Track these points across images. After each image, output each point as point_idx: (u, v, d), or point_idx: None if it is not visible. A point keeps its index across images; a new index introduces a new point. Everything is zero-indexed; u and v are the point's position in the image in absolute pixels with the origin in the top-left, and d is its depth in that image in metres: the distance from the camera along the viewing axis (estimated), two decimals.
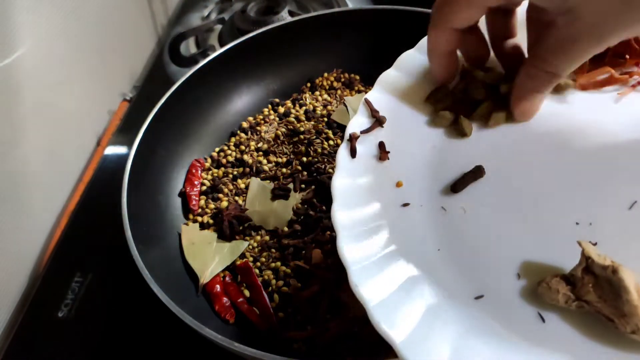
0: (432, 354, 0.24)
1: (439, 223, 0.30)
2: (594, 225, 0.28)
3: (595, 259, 0.25)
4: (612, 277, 0.24)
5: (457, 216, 0.30)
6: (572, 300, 0.25)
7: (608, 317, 0.25)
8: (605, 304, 0.25)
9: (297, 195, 0.47)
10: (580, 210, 0.29)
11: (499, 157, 0.32)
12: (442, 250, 0.29)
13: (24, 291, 0.49)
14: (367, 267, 0.27)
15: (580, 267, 0.26)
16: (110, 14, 0.63)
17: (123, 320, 0.45)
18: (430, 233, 0.30)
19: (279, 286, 0.42)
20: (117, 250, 0.40)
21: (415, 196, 0.31)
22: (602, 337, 0.25)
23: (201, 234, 0.46)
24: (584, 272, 0.25)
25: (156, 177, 0.49)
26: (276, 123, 0.54)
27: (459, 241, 0.29)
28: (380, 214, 0.30)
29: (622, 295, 0.24)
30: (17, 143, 0.48)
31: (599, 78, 0.35)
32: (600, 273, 0.25)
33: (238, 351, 0.33)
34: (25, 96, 0.49)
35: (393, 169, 0.32)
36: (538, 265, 0.28)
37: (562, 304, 0.25)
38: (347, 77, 0.58)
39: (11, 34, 0.47)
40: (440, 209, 0.31)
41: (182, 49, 0.68)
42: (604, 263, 0.25)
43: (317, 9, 0.69)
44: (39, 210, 0.52)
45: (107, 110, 0.64)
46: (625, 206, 0.29)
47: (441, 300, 0.26)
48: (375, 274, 0.27)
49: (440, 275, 0.28)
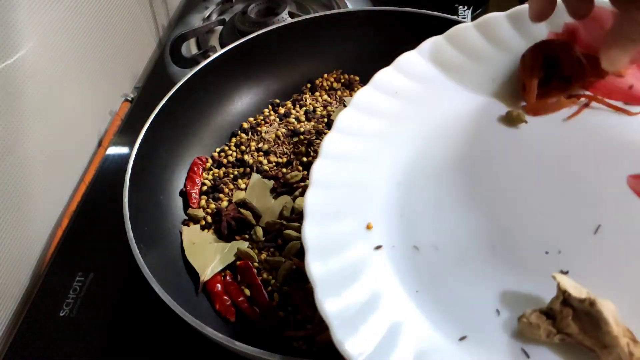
0: None
1: (413, 263, 0.30)
2: (563, 252, 0.29)
3: (572, 292, 0.25)
4: (590, 309, 0.25)
5: (429, 254, 0.30)
6: (553, 334, 0.25)
7: (590, 348, 0.25)
8: (586, 335, 0.25)
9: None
10: (548, 239, 0.29)
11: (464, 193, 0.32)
12: (420, 292, 0.29)
13: (26, 291, 0.50)
14: (349, 319, 0.27)
15: (558, 300, 0.26)
16: (112, 15, 0.64)
17: (124, 320, 0.45)
18: (406, 275, 0.29)
19: (278, 285, 0.42)
20: (118, 250, 0.41)
21: (386, 237, 0.31)
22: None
23: (202, 234, 0.46)
24: (562, 306, 0.26)
25: (157, 177, 0.49)
26: (276, 123, 0.54)
27: (435, 280, 0.29)
28: (355, 260, 0.29)
29: (601, 327, 0.24)
30: (18, 143, 0.49)
31: (549, 102, 0.35)
32: (578, 306, 0.25)
33: (238, 350, 0.33)
34: (27, 97, 0.49)
35: (362, 211, 0.32)
36: (515, 297, 0.28)
37: (544, 338, 0.25)
38: (347, 78, 0.59)
39: (13, 35, 0.47)
40: (412, 248, 0.30)
41: (183, 50, 0.68)
42: (580, 296, 0.25)
43: (317, 10, 0.69)
44: (40, 210, 0.53)
45: (109, 111, 0.64)
46: (591, 230, 0.29)
47: (427, 345, 0.26)
48: (358, 326, 0.26)
49: (423, 318, 0.27)
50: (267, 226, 0.45)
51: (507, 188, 0.32)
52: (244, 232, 0.46)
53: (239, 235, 0.46)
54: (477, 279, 0.29)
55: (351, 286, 0.28)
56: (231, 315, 0.41)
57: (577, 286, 0.26)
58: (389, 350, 0.26)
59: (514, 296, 0.28)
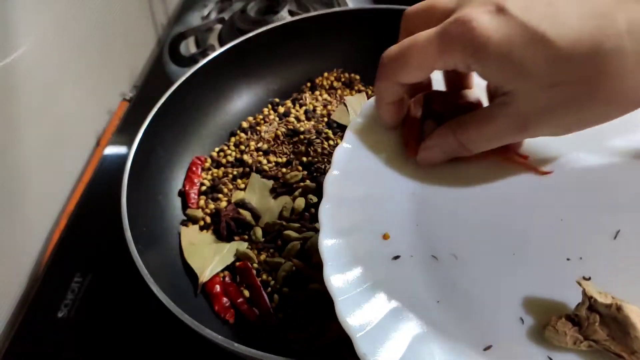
0: None
1: (432, 273, 0.29)
2: (584, 259, 0.29)
3: (597, 298, 0.25)
4: (617, 314, 0.24)
5: (449, 264, 0.30)
6: (580, 341, 0.25)
7: (618, 354, 0.25)
8: (614, 341, 0.25)
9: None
10: (569, 246, 0.29)
11: (480, 201, 0.32)
12: (441, 302, 0.28)
13: (24, 291, 0.49)
14: (372, 332, 0.26)
15: (584, 306, 0.26)
16: (110, 14, 0.63)
17: (123, 321, 0.45)
18: (426, 285, 0.29)
19: (278, 287, 0.42)
20: (116, 251, 0.40)
21: (404, 247, 0.30)
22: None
23: (201, 235, 0.46)
24: (588, 312, 0.25)
25: (156, 177, 0.48)
26: (276, 123, 0.54)
27: (457, 290, 0.29)
28: (374, 271, 0.29)
29: (630, 332, 0.24)
30: (15, 143, 0.48)
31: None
32: (605, 311, 0.25)
33: (238, 352, 0.33)
34: (24, 96, 0.49)
35: (377, 221, 0.31)
36: (539, 305, 0.27)
37: (570, 345, 0.25)
38: (347, 77, 0.58)
39: (10, 33, 0.47)
40: (431, 257, 0.30)
41: (182, 49, 0.68)
42: (606, 301, 0.25)
43: (317, 8, 0.69)
44: (38, 210, 0.52)
45: (107, 110, 0.64)
46: (611, 236, 0.29)
47: (451, 356, 0.26)
48: (382, 340, 0.26)
49: (446, 329, 0.27)
50: (267, 227, 0.45)
51: (525, 194, 0.32)
52: (244, 233, 0.46)
53: (238, 235, 0.45)
54: (499, 287, 0.28)
55: (371, 298, 0.28)
56: (230, 317, 0.41)
57: (602, 292, 0.25)
58: None
59: (537, 303, 0.27)
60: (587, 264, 0.28)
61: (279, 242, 0.44)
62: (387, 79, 0.31)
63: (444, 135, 0.31)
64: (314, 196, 0.46)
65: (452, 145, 0.31)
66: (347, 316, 0.26)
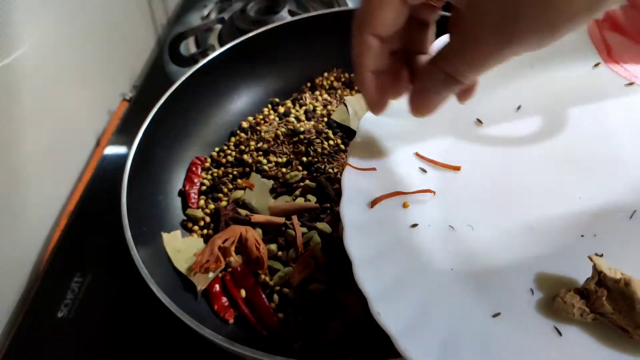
0: None
1: (448, 242, 0.30)
2: (598, 236, 0.29)
3: (607, 273, 0.26)
4: (625, 289, 0.25)
5: (465, 234, 0.31)
6: (587, 313, 0.26)
7: (623, 328, 0.25)
8: (620, 315, 0.25)
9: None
10: (585, 223, 0.30)
11: (499, 176, 0.33)
12: (455, 270, 0.29)
13: (24, 291, 0.49)
14: (386, 294, 0.27)
15: (593, 280, 0.26)
16: (110, 14, 0.63)
17: (123, 321, 0.45)
18: (441, 253, 0.30)
19: (277, 288, 0.42)
20: (116, 251, 0.40)
21: (422, 217, 0.31)
22: (618, 346, 0.25)
23: (185, 241, 0.45)
24: (597, 286, 0.26)
25: (156, 177, 0.48)
26: (276, 123, 0.54)
27: (471, 259, 0.29)
28: (392, 238, 0.30)
29: (636, 306, 0.24)
30: (16, 143, 0.48)
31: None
32: (613, 286, 0.25)
33: (238, 351, 0.33)
34: (24, 96, 0.49)
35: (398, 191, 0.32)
36: (550, 278, 0.28)
37: (577, 317, 0.26)
38: (347, 77, 0.58)
39: (10, 33, 0.46)
40: (448, 227, 0.31)
41: (182, 49, 0.68)
42: (616, 276, 0.25)
43: (317, 8, 0.69)
44: (38, 210, 0.52)
45: (107, 110, 0.64)
46: (627, 215, 0.30)
47: (460, 320, 0.27)
48: (395, 301, 0.27)
49: (456, 295, 0.28)
50: (267, 226, 0.45)
51: (545, 172, 0.32)
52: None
53: None
54: (512, 259, 0.29)
55: (388, 261, 0.29)
56: (230, 317, 0.41)
57: (612, 267, 0.26)
58: (424, 324, 0.26)
59: (549, 277, 0.28)
60: (601, 241, 0.29)
61: (280, 240, 0.44)
62: (361, 32, 0.29)
63: (432, 73, 0.28)
64: (314, 196, 0.46)
65: (442, 82, 0.28)
66: (363, 278, 0.27)
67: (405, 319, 0.26)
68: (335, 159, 0.49)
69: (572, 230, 0.29)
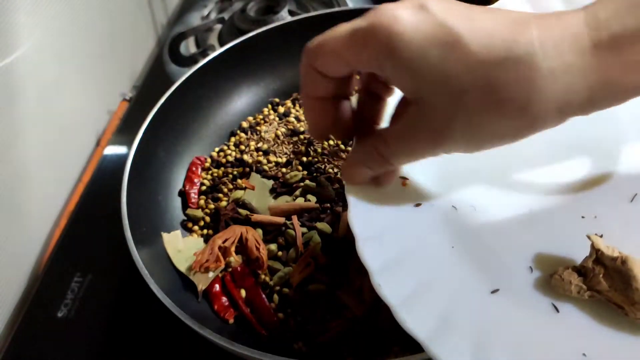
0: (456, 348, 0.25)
1: (450, 221, 0.31)
2: (598, 218, 0.30)
3: (604, 251, 0.26)
4: (622, 267, 0.25)
5: (467, 214, 0.31)
6: (584, 290, 0.26)
7: (618, 305, 0.26)
8: (616, 292, 0.26)
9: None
10: (585, 205, 0.30)
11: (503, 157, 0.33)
12: (456, 248, 0.30)
13: (24, 291, 0.49)
14: (388, 268, 0.28)
15: (591, 259, 0.27)
16: (110, 14, 0.63)
17: (123, 321, 0.45)
18: (443, 231, 0.31)
19: (277, 288, 0.42)
20: (116, 251, 0.40)
21: (425, 197, 0.32)
22: (614, 323, 0.26)
23: (185, 241, 0.45)
24: (594, 264, 0.26)
25: (156, 177, 0.48)
26: (276, 123, 0.54)
27: (472, 238, 0.30)
28: (395, 216, 0.31)
29: (632, 284, 0.25)
30: (16, 143, 0.48)
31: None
32: (610, 264, 0.26)
33: (238, 351, 0.33)
34: (25, 96, 0.49)
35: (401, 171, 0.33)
36: (549, 257, 0.29)
37: (574, 294, 0.26)
38: None
39: (11, 33, 0.46)
40: (451, 207, 0.32)
41: (182, 49, 0.68)
42: (613, 254, 0.26)
43: (317, 8, 0.69)
44: (38, 210, 0.52)
45: (107, 110, 0.64)
46: (628, 198, 0.30)
47: (459, 296, 0.27)
48: (396, 276, 0.28)
49: (456, 272, 0.29)
50: (267, 226, 0.45)
51: (547, 152, 0.33)
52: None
53: None
54: (513, 239, 0.30)
55: (390, 239, 0.29)
56: (230, 317, 0.41)
57: (610, 247, 0.26)
58: (423, 297, 0.27)
59: (548, 256, 0.29)
60: (601, 222, 0.29)
61: (279, 240, 0.44)
62: (307, 64, 0.29)
63: (367, 149, 0.29)
64: (314, 196, 0.46)
65: (375, 160, 0.29)
66: (365, 254, 0.28)
67: (405, 292, 0.27)
68: (335, 159, 0.49)
69: (573, 212, 0.30)
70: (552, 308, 0.27)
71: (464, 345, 0.25)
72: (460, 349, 0.25)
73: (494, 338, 0.25)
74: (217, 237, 0.43)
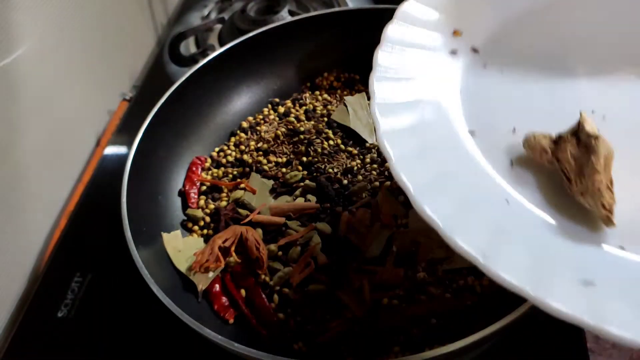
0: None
1: (472, 74, 0.33)
2: (606, 118, 0.30)
3: (586, 127, 0.27)
4: (592, 143, 0.27)
5: (493, 73, 0.33)
6: (547, 155, 0.28)
7: (568, 176, 0.27)
8: (573, 163, 0.27)
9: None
10: (600, 103, 0.31)
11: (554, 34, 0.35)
12: (462, 93, 0.32)
13: (24, 291, 0.49)
14: (397, 132, 0.29)
15: (571, 130, 0.28)
16: (110, 14, 0.63)
17: (123, 321, 0.45)
18: (460, 78, 0.33)
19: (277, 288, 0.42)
20: (116, 251, 0.40)
21: (465, 45, 0.34)
22: (558, 206, 0.27)
23: (185, 241, 0.45)
24: (571, 135, 0.28)
25: (156, 177, 0.48)
26: (276, 123, 0.54)
27: (482, 93, 0.32)
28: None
29: (591, 158, 0.27)
30: (16, 143, 0.48)
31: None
32: (584, 139, 0.27)
33: (238, 351, 0.33)
34: (24, 96, 0.49)
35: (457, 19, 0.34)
36: (539, 129, 0.30)
37: (537, 156, 0.29)
38: (347, 77, 0.58)
39: (10, 34, 0.47)
40: (482, 64, 0.33)
41: (182, 49, 0.68)
42: (592, 131, 0.27)
43: (317, 8, 0.69)
44: (38, 210, 0.52)
45: (107, 110, 0.64)
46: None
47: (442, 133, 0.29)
48: (404, 138, 0.28)
49: (452, 110, 0.31)
50: (267, 226, 0.45)
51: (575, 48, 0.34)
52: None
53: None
54: (520, 107, 0.32)
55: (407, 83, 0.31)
56: (230, 317, 0.41)
57: (595, 127, 0.28)
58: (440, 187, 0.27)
59: (539, 129, 0.30)
60: (607, 123, 0.30)
61: (279, 239, 0.44)
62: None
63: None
64: (314, 196, 0.46)
65: None
66: (375, 86, 0.29)
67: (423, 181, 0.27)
68: (335, 159, 0.49)
69: (585, 104, 0.31)
70: (510, 163, 0.29)
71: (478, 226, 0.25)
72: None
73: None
74: (217, 237, 0.43)
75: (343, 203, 0.46)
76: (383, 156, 0.48)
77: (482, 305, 0.39)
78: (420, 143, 0.29)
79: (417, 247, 0.42)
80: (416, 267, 0.41)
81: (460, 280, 0.40)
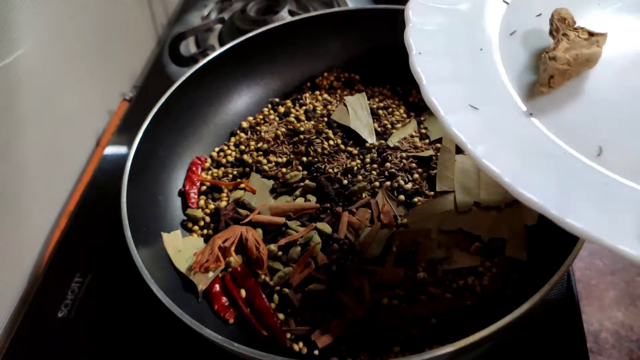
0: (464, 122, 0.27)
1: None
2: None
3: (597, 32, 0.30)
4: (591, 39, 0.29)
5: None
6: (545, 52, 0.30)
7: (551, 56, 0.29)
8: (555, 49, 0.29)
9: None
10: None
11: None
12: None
13: (24, 291, 0.49)
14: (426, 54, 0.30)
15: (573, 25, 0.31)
16: (110, 14, 0.63)
17: (123, 321, 0.45)
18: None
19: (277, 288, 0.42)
20: (116, 251, 0.40)
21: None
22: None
23: (185, 241, 0.45)
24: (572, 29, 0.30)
25: (156, 177, 0.48)
26: (276, 123, 0.54)
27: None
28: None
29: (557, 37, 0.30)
30: (16, 143, 0.48)
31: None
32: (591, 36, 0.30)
33: (238, 351, 0.33)
34: (25, 96, 0.49)
35: None
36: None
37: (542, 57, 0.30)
38: (347, 77, 0.58)
39: (11, 33, 0.47)
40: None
41: (182, 49, 0.68)
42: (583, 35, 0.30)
43: (317, 8, 0.69)
44: (38, 210, 0.52)
45: (107, 110, 0.64)
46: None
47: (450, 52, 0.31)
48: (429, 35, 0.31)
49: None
50: (267, 226, 0.45)
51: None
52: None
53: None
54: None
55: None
56: (230, 317, 0.41)
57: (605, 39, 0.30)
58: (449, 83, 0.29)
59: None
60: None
61: (279, 239, 0.44)
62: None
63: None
64: (314, 196, 0.46)
65: None
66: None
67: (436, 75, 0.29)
68: (335, 159, 0.49)
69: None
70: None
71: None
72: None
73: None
74: (217, 237, 0.43)
75: (343, 203, 0.46)
76: (383, 156, 0.48)
77: (482, 305, 0.39)
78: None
79: (417, 247, 0.42)
80: (416, 267, 0.41)
81: (460, 280, 0.40)
